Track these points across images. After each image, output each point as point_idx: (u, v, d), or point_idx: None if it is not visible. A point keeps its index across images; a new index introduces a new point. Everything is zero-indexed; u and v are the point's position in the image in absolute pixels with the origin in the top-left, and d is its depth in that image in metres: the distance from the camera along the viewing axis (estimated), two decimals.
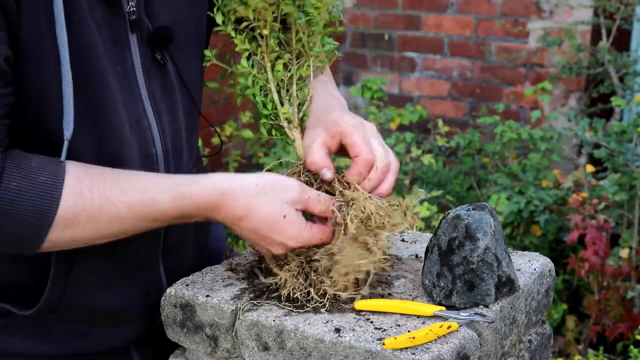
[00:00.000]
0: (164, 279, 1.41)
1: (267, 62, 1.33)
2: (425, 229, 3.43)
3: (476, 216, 1.26)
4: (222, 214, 1.25)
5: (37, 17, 1.14)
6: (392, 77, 4.89)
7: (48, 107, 1.18)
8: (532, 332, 1.42)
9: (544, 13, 4.35)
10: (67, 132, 1.18)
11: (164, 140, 1.35)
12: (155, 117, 1.33)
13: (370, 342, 1.17)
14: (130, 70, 1.29)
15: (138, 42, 1.30)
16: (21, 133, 1.19)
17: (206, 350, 1.32)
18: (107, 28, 1.24)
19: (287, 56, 1.34)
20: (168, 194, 1.22)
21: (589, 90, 4.23)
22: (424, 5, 4.69)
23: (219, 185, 1.24)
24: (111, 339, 1.38)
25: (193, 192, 1.23)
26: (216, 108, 4.11)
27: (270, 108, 1.35)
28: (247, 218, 1.25)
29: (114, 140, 1.26)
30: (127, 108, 1.28)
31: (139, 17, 1.29)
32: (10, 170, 1.13)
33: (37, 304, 1.29)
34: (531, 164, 3.74)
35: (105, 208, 1.18)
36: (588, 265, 3.13)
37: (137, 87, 1.30)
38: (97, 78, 1.22)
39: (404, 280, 1.37)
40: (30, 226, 1.14)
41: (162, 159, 1.35)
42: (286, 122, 1.35)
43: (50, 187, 1.15)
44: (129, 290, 1.36)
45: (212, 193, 1.24)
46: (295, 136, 1.35)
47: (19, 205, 1.13)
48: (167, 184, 1.23)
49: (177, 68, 1.37)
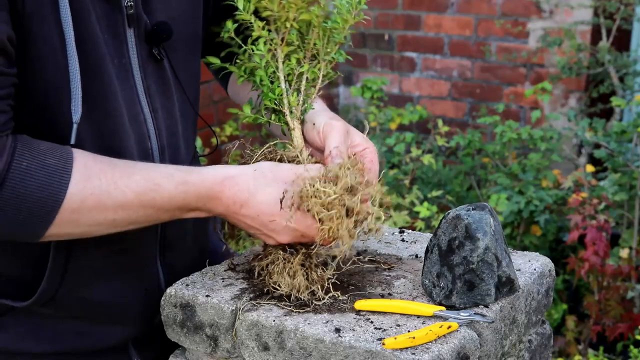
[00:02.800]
0: (162, 275, 1.41)
1: (280, 53, 1.35)
2: (425, 229, 3.43)
3: (476, 216, 1.26)
4: (224, 201, 1.25)
5: (41, 2, 1.15)
6: (392, 77, 4.89)
7: (56, 91, 1.19)
8: (532, 332, 1.42)
9: (544, 13, 4.35)
10: (76, 115, 1.19)
11: (159, 136, 1.36)
12: (151, 113, 1.34)
13: (370, 342, 1.17)
14: (127, 65, 1.30)
15: (135, 37, 1.30)
16: (29, 118, 1.20)
17: (206, 350, 1.32)
18: (106, 21, 1.25)
19: (302, 53, 1.36)
20: (172, 180, 1.23)
21: (589, 90, 4.23)
22: (424, 5, 4.69)
23: (219, 172, 1.26)
24: (110, 337, 1.38)
25: (195, 179, 1.24)
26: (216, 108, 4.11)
27: (277, 93, 1.37)
28: (249, 203, 1.25)
29: (114, 130, 1.27)
30: (125, 101, 1.29)
31: (136, 11, 1.29)
32: (22, 150, 1.14)
33: (34, 295, 1.29)
34: (531, 164, 3.74)
35: (113, 194, 1.19)
36: (588, 265, 3.13)
37: (133, 81, 1.31)
38: (98, 67, 1.23)
39: (404, 280, 1.37)
40: (38, 208, 1.15)
41: (158, 155, 1.36)
42: (289, 110, 1.37)
43: (59, 169, 1.16)
44: (126, 286, 1.37)
45: (212, 180, 1.25)
46: (295, 125, 1.37)
47: (29, 186, 1.14)
48: (171, 171, 1.25)
49: (173, 65, 1.38)
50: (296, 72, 1.37)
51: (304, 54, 1.37)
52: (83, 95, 1.20)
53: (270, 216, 1.26)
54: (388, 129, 4.16)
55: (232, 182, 1.25)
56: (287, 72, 1.36)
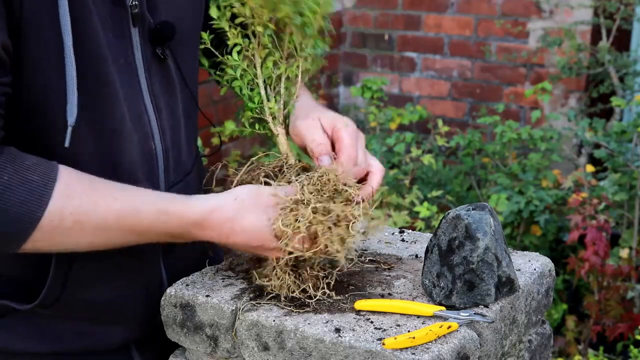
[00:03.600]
0: (164, 275, 1.41)
1: (257, 59, 1.35)
2: (425, 229, 3.43)
3: (476, 216, 1.26)
4: (208, 233, 1.26)
5: (39, 3, 1.15)
6: (392, 77, 4.89)
7: (52, 94, 1.18)
8: (532, 332, 1.42)
9: (544, 13, 4.35)
10: (71, 118, 1.18)
11: (163, 136, 1.36)
12: (155, 113, 1.34)
13: (370, 342, 1.17)
14: (132, 64, 1.30)
15: (140, 37, 1.30)
16: (25, 121, 1.20)
17: (206, 350, 1.32)
18: (110, 21, 1.25)
19: (278, 54, 1.36)
20: (153, 208, 1.23)
21: (589, 90, 4.23)
22: (424, 5, 4.69)
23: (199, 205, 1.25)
24: (111, 337, 1.38)
25: (176, 210, 1.24)
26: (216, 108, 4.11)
27: (257, 102, 1.37)
28: (235, 231, 1.26)
29: (114, 132, 1.27)
30: (128, 102, 1.28)
31: (141, 11, 1.29)
32: (4, 164, 1.14)
33: (37, 298, 1.29)
34: (531, 164, 3.74)
35: (92, 215, 1.19)
36: (588, 265, 3.13)
37: (138, 81, 1.31)
38: (97, 67, 1.22)
39: (404, 280, 1.37)
40: (16, 222, 1.14)
41: (162, 156, 1.36)
42: (271, 117, 1.38)
43: (40, 186, 1.15)
44: (128, 286, 1.36)
45: (193, 212, 1.25)
46: (279, 131, 1.38)
47: (8, 200, 1.13)
48: (153, 199, 1.24)
49: (177, 64, 1.38)
50: (274, 75, 1.37)
51: (280, 55, 1.37)
52: (82, 97, 1.19)
53: (259, 241, 1.27)
54: (388, 129, 4.16)
55: (213, 215, 1.25)
56: (266, 75, 1.36)
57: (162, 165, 1.37)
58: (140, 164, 1.32)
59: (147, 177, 1.34)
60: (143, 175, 1.33)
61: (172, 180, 1.40)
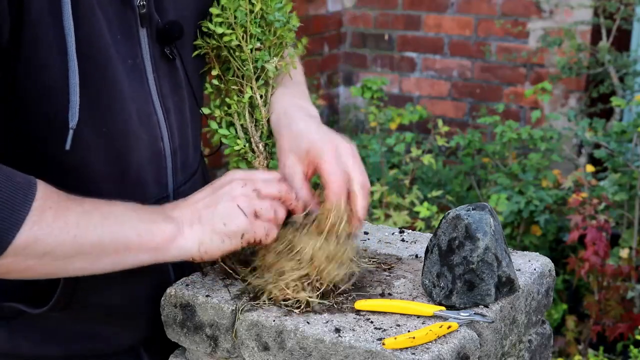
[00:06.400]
0: (173, 276, 1.41)
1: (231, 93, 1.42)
2: (425, 229, 3.43)
3: (476, 216, 1.26)
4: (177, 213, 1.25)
5: (43, 5, 1.14)
6: (392, 77, 4.89)
7: (55, 96, 1.17)
8: (532, 332, 1.42)
9: (544, 13, 4.36)
10: (73, 121, 1.17)
11: (171, 137, 1.35)
12: (164, 113, 1.33)
13: (370, 342, 1.17)
14: (140, 65, 1.29)
15: (148, 37, 1.30)
16: (26, 123, 1.19)
17: (206, 350, 1.32)
18: (118, 22, 1.24)
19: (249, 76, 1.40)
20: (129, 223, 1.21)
21: (589, 90, 4.23)
22: (424, 5, 4.70)
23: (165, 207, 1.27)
24: (121, 339, 1.38)
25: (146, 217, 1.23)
26: None
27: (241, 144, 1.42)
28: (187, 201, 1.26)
29: (121, 134, 1.26)
30: (137, 103, 1.28)
31: (148, 11, 1.29)
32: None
33: (49, 302, 1.29)
34: (531, 164, 3.74)
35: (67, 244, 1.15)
36: (588, 265, 3.13)
37: (146, 82, 1.30)
38: (103, 69, 1.22)
39: (404, 280, 1.37)
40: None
41: (170, 156, 1.36)
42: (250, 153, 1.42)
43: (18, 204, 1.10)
44: (138, 288, 1.36)
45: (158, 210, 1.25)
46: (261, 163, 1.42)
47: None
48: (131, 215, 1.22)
49: (184, 64, 1.38)
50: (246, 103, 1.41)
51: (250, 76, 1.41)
52: (87, 99, 1.19)
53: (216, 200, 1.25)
54: (388, 129, 4.16)
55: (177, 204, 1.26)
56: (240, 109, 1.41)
57: (170, 165, 1.36)
58: (148, 165, 1.32)
59: (155, 178, 1.34)
60: (151, 176, 1.33)
61: (180, 180, 1.40)
